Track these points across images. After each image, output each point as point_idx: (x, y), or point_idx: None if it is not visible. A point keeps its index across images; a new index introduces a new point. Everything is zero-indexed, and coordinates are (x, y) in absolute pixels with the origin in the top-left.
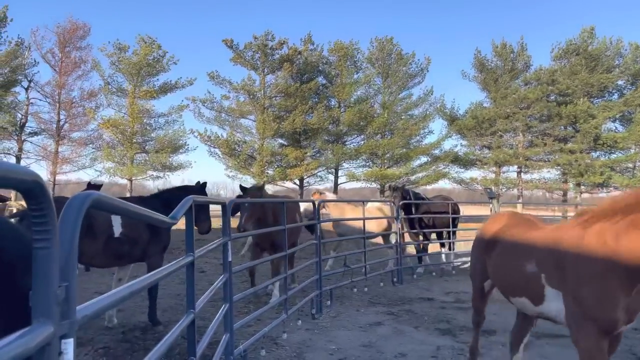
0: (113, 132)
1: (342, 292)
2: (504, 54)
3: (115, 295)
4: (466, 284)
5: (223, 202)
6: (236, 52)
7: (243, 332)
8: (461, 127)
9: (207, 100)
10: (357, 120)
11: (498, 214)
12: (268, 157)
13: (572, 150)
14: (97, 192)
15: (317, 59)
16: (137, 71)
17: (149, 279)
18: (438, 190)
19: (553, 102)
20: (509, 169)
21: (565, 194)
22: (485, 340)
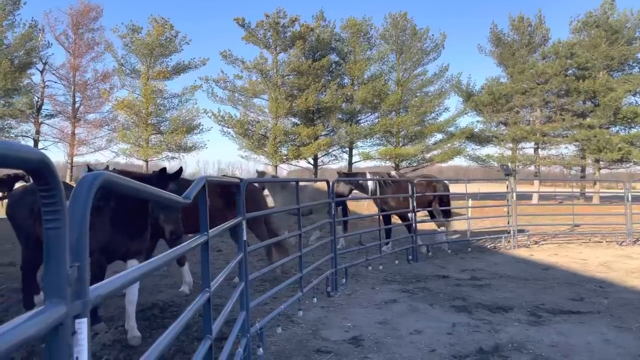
0: (127, 113)
1: (357, 270)
2: (521, 27)
3: (129, 275)
4: (481, 261)
5: (237, 182)
6: (248, 30)
7: (259, 310)
8: (477, 104)
9: (220, 80)
10: (371, 97)
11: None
12: (281, 136)
13: (591, 125)
14: (107, 172)
15: (329, 36)
16: (150, 52)
17: (163, 259)
18: (454, 169)
19: (571, 76)
20: (526, 145)
21: (584, 170)
22: (501, 317)
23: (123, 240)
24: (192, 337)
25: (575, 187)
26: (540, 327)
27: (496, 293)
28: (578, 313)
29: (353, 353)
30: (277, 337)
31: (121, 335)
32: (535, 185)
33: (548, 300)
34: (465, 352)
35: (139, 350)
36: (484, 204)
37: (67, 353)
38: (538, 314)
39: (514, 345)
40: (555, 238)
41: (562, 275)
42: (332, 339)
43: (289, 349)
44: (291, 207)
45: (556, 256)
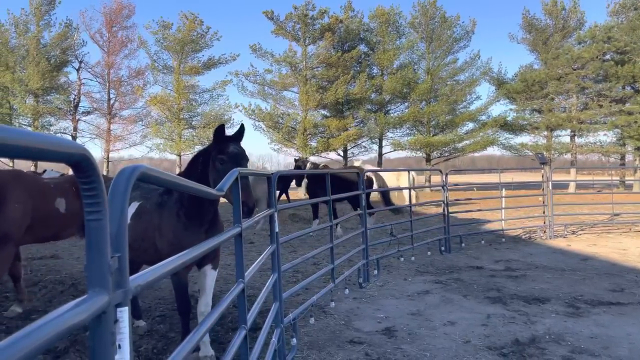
0: (160, 108)
1: (389, 262)
2: (555, 12)
3: (167, 266)
4: (516, 252)
5: (269, 175)
6: (277, 23)
7: (292, 301)
8: (510, 91)
9: (250, 74)
10: (400, 87)
11: None
12: (311, 128)
13: (631, 111)
14: (145, 165)
15: (358, 27)
16: (181, 48)
17: (199, 249)
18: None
19: (609, 61)
20: (562, 133)
21: (623, 157)
22: (537, 308)
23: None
24: (227, 327)
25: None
26: (579, 318)
27: (532, 284)
28: (618, 304)
29: (386, 344)
30: (310, 327)
31: (158, 325)
32: (572, 174)
33: (586, 292)
34: (500, 343)
35: (175, 340)
36: (518, 194)
37: (110, 340)
38: (576, 305)
39: (551, 336)
40: (594, 228)
41: (601, 265)
42: (365, 329)
43: (322, 339)
44: (323, 199)
45: (595, 246)
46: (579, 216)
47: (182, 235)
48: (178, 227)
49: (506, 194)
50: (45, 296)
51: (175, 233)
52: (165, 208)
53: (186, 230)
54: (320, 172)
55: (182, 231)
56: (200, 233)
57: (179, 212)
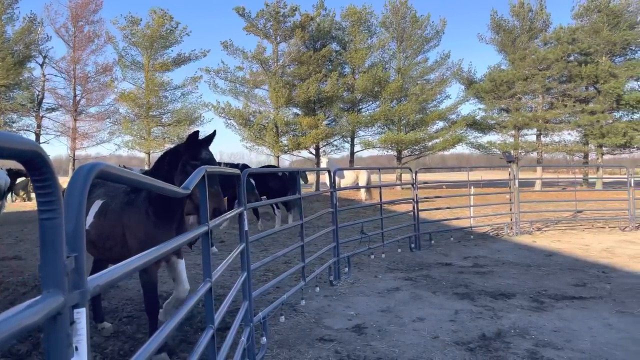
0: (130, 105)
1: (360, 259)
2: (522, 13)
3: (129, 265)
4: (484, 249)
5: (237, 173)
6: (248, 20)
7: (262, 300)
8: (479, 91)
9: (221, 71)
10: (372, 86)
11: None
12: (282, 126)
13: (594, 111)
14: (104, 162)
15: (329, 25)
16: (150, 44)
17: (163, 249)
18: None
19: (573, 62)
20: (528, 132)
21: (587, 156)
22: (504, 304)
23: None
24: (196, 327)
25: (578, 173)
26: (543, 313)
27: (498, 280)
28: (581, 299)
29: (356, 341)
30: (281, 326)
31: (125, 326)
32: (538, 172)
33: (550, 286)
34: (467, 338)
35: (143, 341)
36: (486, 191)
37: (65, 342)
38: (540, 300)
39: (516, 331)
40: (558, 224)
41: (564, 261)
42: (335, 327)
43: (293, 337)
44: (294, 197)
45: (559, 242)
46: (544, 213)
47: (154, 234)
48: (149, 225)
49: (474, 191)
50: (7, 298)
51: (147, 231)
52: (134, 206)
53: (158, 229)
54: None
55: (153, 229)
56: (172, 231)
57: (148, 210)
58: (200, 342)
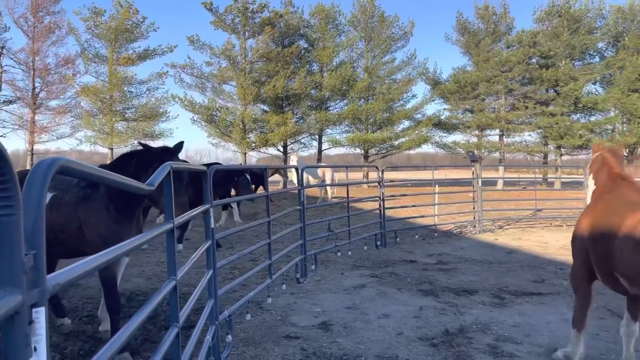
0: (92, 99)
1: (327, 257)
2: (487, 16)
3: (90, 263)
4: (448, 246)
5: (204, 170)
6: (216, 15)
7: (228, 298)
8: (444, 91)
9: (188, 66)
10: (339, 84)
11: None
12: (250, 123)
13: (553, 113)
14: (65, 157)
15: (298, 22)
16: (114, 36)
17: (127, 246)
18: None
19: (535, 65)
20: (491, 132)
21: (546, 156)
22: (466, 300)
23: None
24: (160, 326)
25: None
26: (504, 308)
27: (462, 277)
28: (539, 294)
29: (322, 338)
30: (246, 324)
31: (86, 325)
32: (500, 171)
33: (511, 283)
34: (431, 334)
35: (104, 340)
36: (451, 190)
37: (24, 342)
38: (501, 296)
39: (478, 326)
40: (519, 223)
41: (524, 258)
42: (301, 324)
43: (258, 335)
44: (261, 194)
45: (519, 240)
46: (505, 212)
47: (116, 229)
48: (110, 220)
49: (439, 190)
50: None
51: (108, 227)
52: (92, 201)
53: (119, 224)
54: (259, 166)
55: (114, 225)
56: (132, 227)
57: (108, 205)
58: (164, 341)
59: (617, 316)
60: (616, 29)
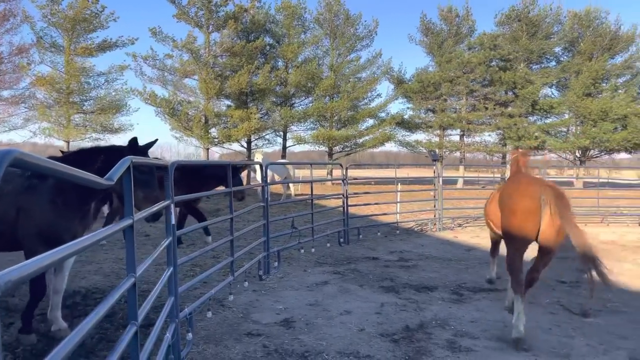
0: (48, 90)
1: (290, 254)
2: (450, 18)
3: (44, 260)
4: (409, 243)
5: (165, 164)
6: (179, 7)
7: (189, 295)
8: (407, 91)
9: (149, 58)
10: (304, 81)
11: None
12: (212, 118)
13: (512, 114)
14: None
15: (264, 18)
16: (72, 26)
17: (83, 243)
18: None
19: (495, 67)
20: (452, 132)
21: (505, 156)
22: (426, 296)
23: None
24: (118, 324)
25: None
26: (462, 304)
27: (422, 273)
28: (496, 291)
29: (284, 335)
30: (208, 321)
31: (39, 324)
32: (461, 170)
33: (469, 280)
34: (392, 330)
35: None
36: (413, 188)
37: None
38: (460, 292)
39: (437, 322)
40: (477, 221)
41: (482, 255)
42: (263, 321)
43: (220, 332)
44: (224, 191)
45: (478, 238)
46: (465, 210)
47: (54, 222)
48: (51, 212)
49: (401, 188)
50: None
51: (47, 218)
52: (37, 192)
53: (60, 217)
54: (223, 162)
55: (54, 217)
56: (76, 222)
57: (55, 198)
58: (122, 340)
59: (568, 311)
60: (572, 34)
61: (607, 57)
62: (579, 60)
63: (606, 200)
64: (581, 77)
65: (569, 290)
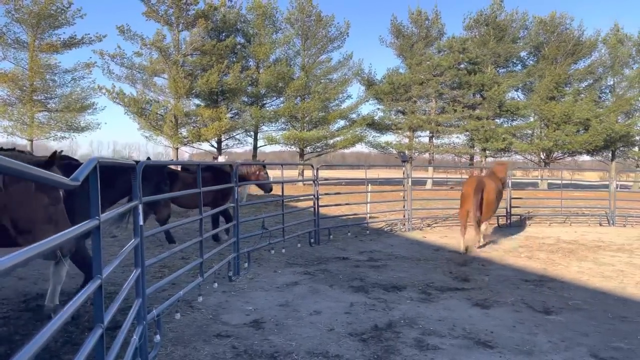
0: (10, 87)
1: (260, 254)
2: (420, 20)
3: (13, 260)
4: (379, 243)
5: (132, 165)
6: (148, 5)
7: (157, 297)
8: (378, 92)
9: (117, 56)
10: (275, 81)
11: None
12: (182, 117)
13: (479, 116)
14: None
15: (235, 17)
16: (37, 22)
17: (51, 242)
18: (356, 155)
19: (463, 70)
20: (422, 134)
21: (472, 158)
22: (395, 296)
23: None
24: (83, 327)
25: (465, 173)
26: (430, 303)
27: (391, 273)
28: (462, 290)
29: (253, 336)
30: (176, 323)
31: (1, 327)
32: (430, 171)
33: (437, 279)
34: (361, 329)
35: (21, 343)
36: (383, 189)
37: None
38: (428, 291)
39: (405, 321)
40: (446, 221)
41: (451, 255)
42: (233, 323)
43: (188, 334)
44: (194, 191)
45: (446, 238)
46: (434, 210)
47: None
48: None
49: (372, 189)
50: None
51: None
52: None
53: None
54: (193, 162)
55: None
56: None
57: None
58: (88, 343)
59: (532, 309)
60: (537, 39)
61: (570, 62)
62: (544, 65)
63: (569, 201)
64: (545, 81)
65: (532, 288)
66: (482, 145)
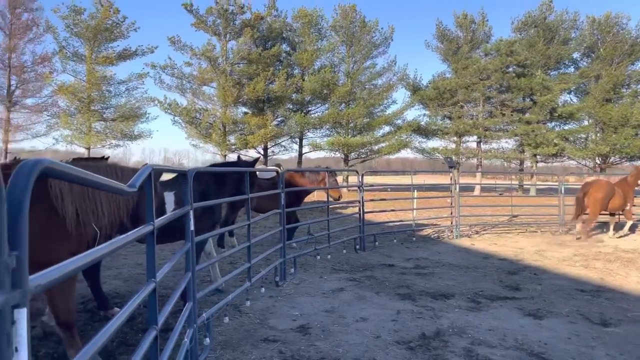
0: (70, 98)
1: (306, 260)
2: (465, 24)
3: (71, 265)
4: (425, 251)
5: (184, 171)
6: (196, 16)
7: (207, 301)
8: (423, 98)
9: (168, 67)
10: (320, 88)
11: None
12: (230, 125)
13: (529, 121)
14: (50, 158)
15: (280, 26)
16: (94, 35)
17: (107, 248)
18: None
19: (511, 73)
20: (469, 139)
21: (522, 163)
22: (443, 304)
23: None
24: (137, 328)
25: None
26: (479, 312)
27: (439, 281)
28: (513, 299)
29: (300, 341)
30: (225, 327)
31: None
32: (478, 177)
33: (486, 287)
34: (408, 337)
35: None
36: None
37: (6, 343)
38: (477, 300)
39: (454, 330)
40: (495, 228)
41: (500, 263)
42: (280, 327)
43: (236, 338)
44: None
45: (495, 245)
46: (482, 217)
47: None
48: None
49: (418, 195)
50: None
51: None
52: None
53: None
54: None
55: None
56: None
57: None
58: (143, 344)
59: (588, 320)
60: (591, 39)
61: (627, 63)
62: (599, 66)
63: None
64: (601, 82)
65: (588, 299)
66: (532, 150)
